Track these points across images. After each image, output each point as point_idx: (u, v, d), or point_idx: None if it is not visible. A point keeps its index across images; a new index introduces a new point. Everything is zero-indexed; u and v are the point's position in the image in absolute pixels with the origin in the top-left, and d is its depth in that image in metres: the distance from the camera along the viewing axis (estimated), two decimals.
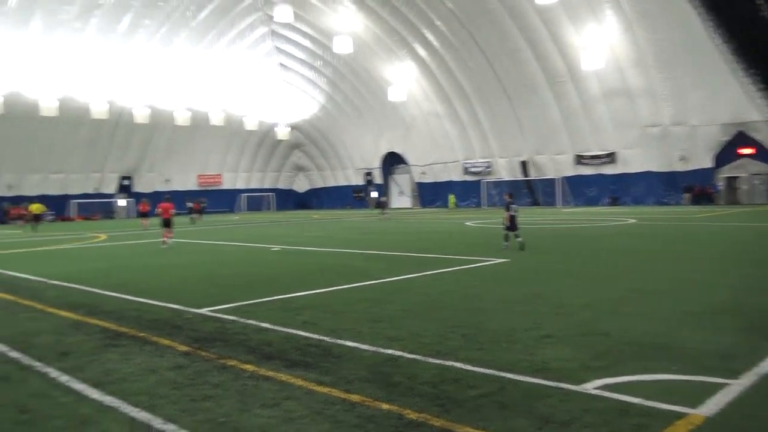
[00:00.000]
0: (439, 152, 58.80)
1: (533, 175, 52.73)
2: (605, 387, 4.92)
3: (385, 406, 4.61)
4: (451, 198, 56.07)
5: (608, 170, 48.50)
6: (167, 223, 21.25)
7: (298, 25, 54.17)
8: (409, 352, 6.09)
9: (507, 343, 6.37)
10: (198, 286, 11.39)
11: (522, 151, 52.58)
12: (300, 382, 5.24)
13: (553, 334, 6.72)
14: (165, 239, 20.78)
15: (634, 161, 46.83)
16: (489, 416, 4.40)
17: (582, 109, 47.05)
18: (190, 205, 45.50)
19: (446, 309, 8.31)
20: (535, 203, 52.77)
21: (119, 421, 4.48)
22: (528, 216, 35.79)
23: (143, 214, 37.43)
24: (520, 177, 53.45)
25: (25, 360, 6.27)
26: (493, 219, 32.88)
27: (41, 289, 11.40)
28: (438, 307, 8.47)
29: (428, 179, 61.05)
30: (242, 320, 7.88)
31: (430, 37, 49.49)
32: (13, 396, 5.13)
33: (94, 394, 5.11)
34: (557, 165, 50.93)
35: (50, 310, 9.14)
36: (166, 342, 6.84)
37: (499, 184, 54.96)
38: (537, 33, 44.35)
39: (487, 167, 55.51)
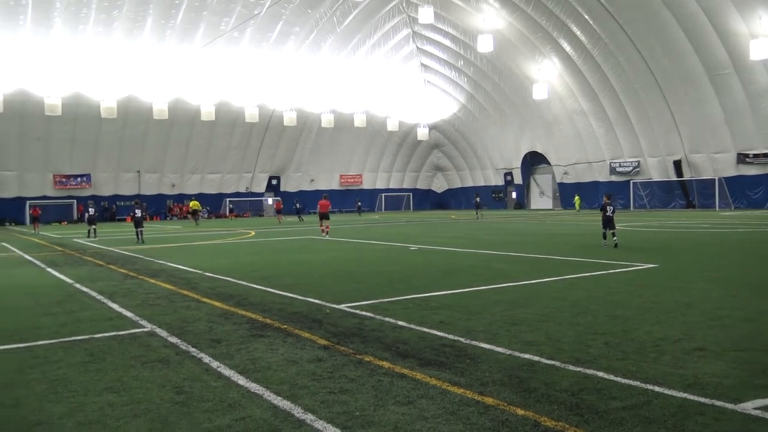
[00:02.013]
0: (584, 151, 56.57)
1: (688, 176, 49.19)
2: (767, 408, 4.48)
3: (520, 412, 4.51)
4: (577, 199, 53.63)
5: None
6: (325, 217, 25.13)
7: (439, 25, 54.50)
8: (547, 358, 5.91)
9: (654, 354, 5.99)
10: (337, 282, 11.78)
11: (676, 150, 49.24)
12: (434, 382, 5.26)
13: (707, 347, 6.23)
14: (325, 230, 24.85)
15: None
16: (632, 431, 4.16)
17: (747, 103, 43.17)
18: (298, 205, 49.23)
19: (587, 314, 7.97)
20: (689, 206, 49.22)
21: (263, 408, 4.74)
22: (681, 219, 33.47)
23: (278, 211, 45.59)
24: (673, 177, 50.11)
25: (183, 345, 6.81)
26: (642, 222, 31.11)
27: (197, 280, 12.35)
28: (578, 312, 8.15)
29: (571, 179, 58.91)
30: (379, 317, 8.04)
31: (577, 31, 47.71)
32: (172, 377, 5.60)
33: (241, 380, 5.45)
34: (716, 164, 47.14)
35: (204, 300, 9.87)
36: (307, 335, 7.14)
37: (649, 185, 51.91)
38: (697, 22, 41.29)
39: (636, 167, 52.58)
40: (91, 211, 29.41)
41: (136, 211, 25.11)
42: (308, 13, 51.43)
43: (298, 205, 48.78)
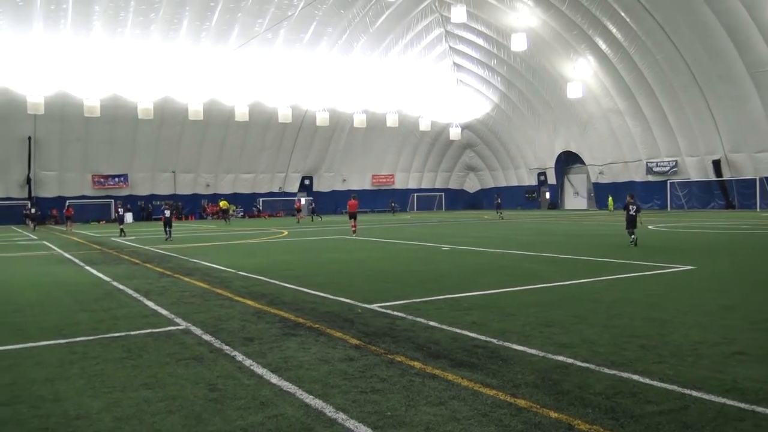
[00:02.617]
0: (619, 151, 55.70)
1: (728, 176, 48.05)
2: None
3: (553, 414, 4.46)
4: (611, 200, 52.61)
5: None
6: (353, 216, 26.00)
7: (472, 24, 54.19)
8: (581, 361, 5.83)
9: (692, 358, 5.86)
10: (369, 281, 11.79)
11: (715, 149, 48.15)
12: (466, 383, 5.23)
13: (747, 351, 6.07)
14: (354, 229, 25.75)
15: None
16: None
17: None
18: (313, 205, 48.97)
19: (623, 317, 7.84)
20: (729, 206, 48.07)
21: (295, 406, 4.77)
22: (720, 220, 32.73)
23: (298, 210, 47.04)
24: (712, 177, 49.01)
25: (216, 343, 6.90)
26: (679, 222, 30.53)
27: (230, 279, 12.49)
28: (614, 314, 8.02)
29: (606, 179, 58.07)
30: (411, 317, 8.03)
31: (613, 28, 46.97)
32: (206, 375, 5.67)
33: (273, 378, 5.49)
34: (758, 164, 45.92)
35: (237, 298, 9.98)
36: (339, 334, 7.16)
37: (687, 185, 50.90)
38: (737, 17, 40.30)
39: (673, 167, 51.57)
40: (121, 211, 31.78)
41: (165, 211, 27.12)
42: (341, 14, 51.66)
43: (312, 205, 48.75)
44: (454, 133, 65.87)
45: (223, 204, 48.22)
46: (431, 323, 7.64)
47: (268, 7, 47.93)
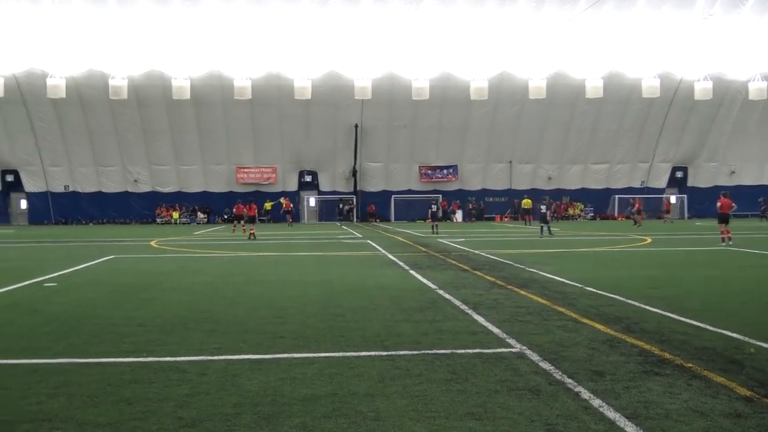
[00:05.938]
0: None
1: None
2: None
3: None
4: None
5: None
6: (724, 220, 25.03)
7: None
8: None
9: None
10: (763, 311, 10.74)
11: None
12: None
13: None
14: (723, 236, 24.81)
15: None
16: None
17: None
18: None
19: None
20: None
21: None
22: None
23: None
24: None
25: (557, 374, 6.92)
26: None
27: (576, 295, 12.46)
28: None
29: None
30: None
31: None
32: (543, 411, 5.72)
33: (629, 427, 5.29)
34: None
35: (584, 320, 9.90)
36: (721, 380, 6.66)
37: None
38: None
39: None
40: (434, 208, 37.47)
41: (542, 207, 32.63)
42: None
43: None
44: None
45: (525, 203, 48.91)
46: None
47: None
